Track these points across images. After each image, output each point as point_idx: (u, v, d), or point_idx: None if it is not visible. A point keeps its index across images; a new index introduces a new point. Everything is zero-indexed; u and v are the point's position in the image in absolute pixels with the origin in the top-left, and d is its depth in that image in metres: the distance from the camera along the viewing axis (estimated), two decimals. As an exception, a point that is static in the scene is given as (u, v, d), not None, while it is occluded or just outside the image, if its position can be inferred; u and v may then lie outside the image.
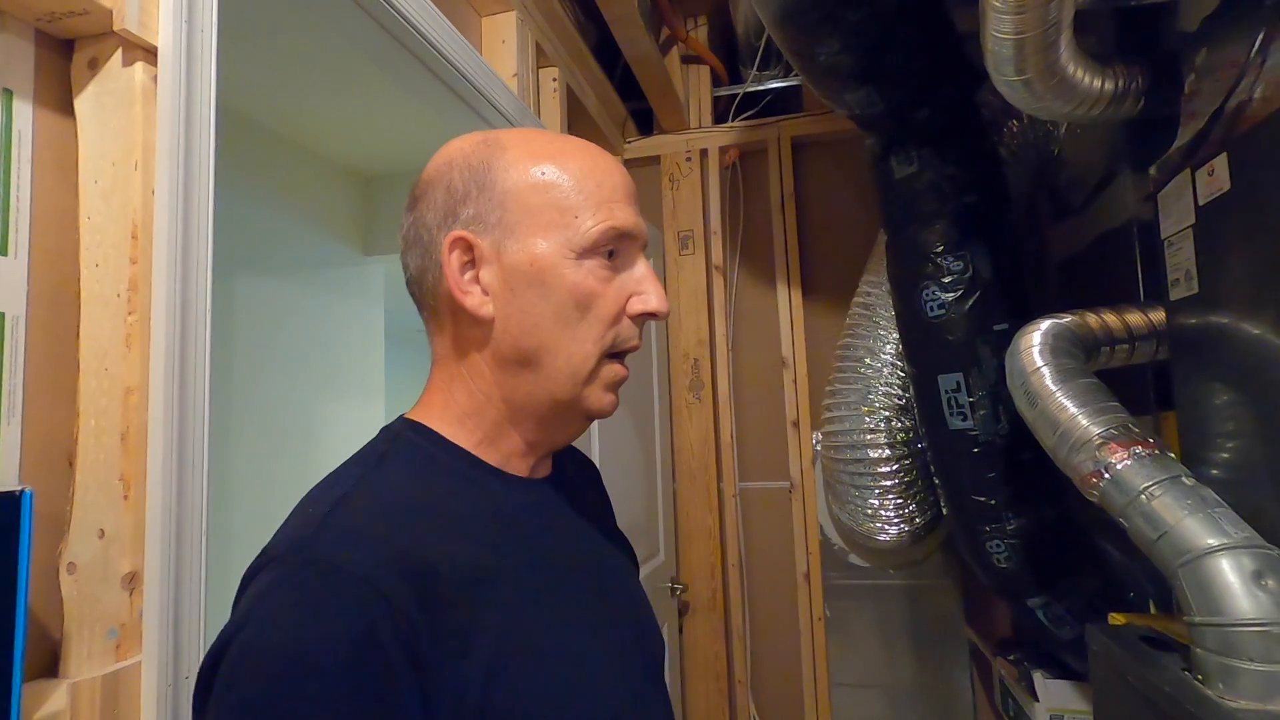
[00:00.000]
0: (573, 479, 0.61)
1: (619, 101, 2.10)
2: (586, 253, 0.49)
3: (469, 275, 0.50)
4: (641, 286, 0.52)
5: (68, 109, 0.62)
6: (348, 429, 2.23)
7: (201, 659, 0.46)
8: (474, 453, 0.52)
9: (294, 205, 2.12)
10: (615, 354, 0.52)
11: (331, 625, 0.39)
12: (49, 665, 0.57)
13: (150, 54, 0.62)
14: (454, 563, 0.44)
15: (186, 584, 0.58)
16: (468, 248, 0.50)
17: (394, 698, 0.39)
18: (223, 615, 0.43)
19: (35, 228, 0.59)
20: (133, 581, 0.57)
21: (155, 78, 0.62)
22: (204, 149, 0.62)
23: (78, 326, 0.61)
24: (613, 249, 0.51)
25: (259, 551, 0.44)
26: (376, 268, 2.46)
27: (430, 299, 0.52)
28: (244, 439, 1.82)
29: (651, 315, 0.52)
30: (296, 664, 0.38)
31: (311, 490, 0.48)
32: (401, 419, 0.54)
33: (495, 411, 0.52)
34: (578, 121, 1.90)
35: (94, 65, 0.61)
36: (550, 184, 0.49)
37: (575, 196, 0.50)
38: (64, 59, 0.62)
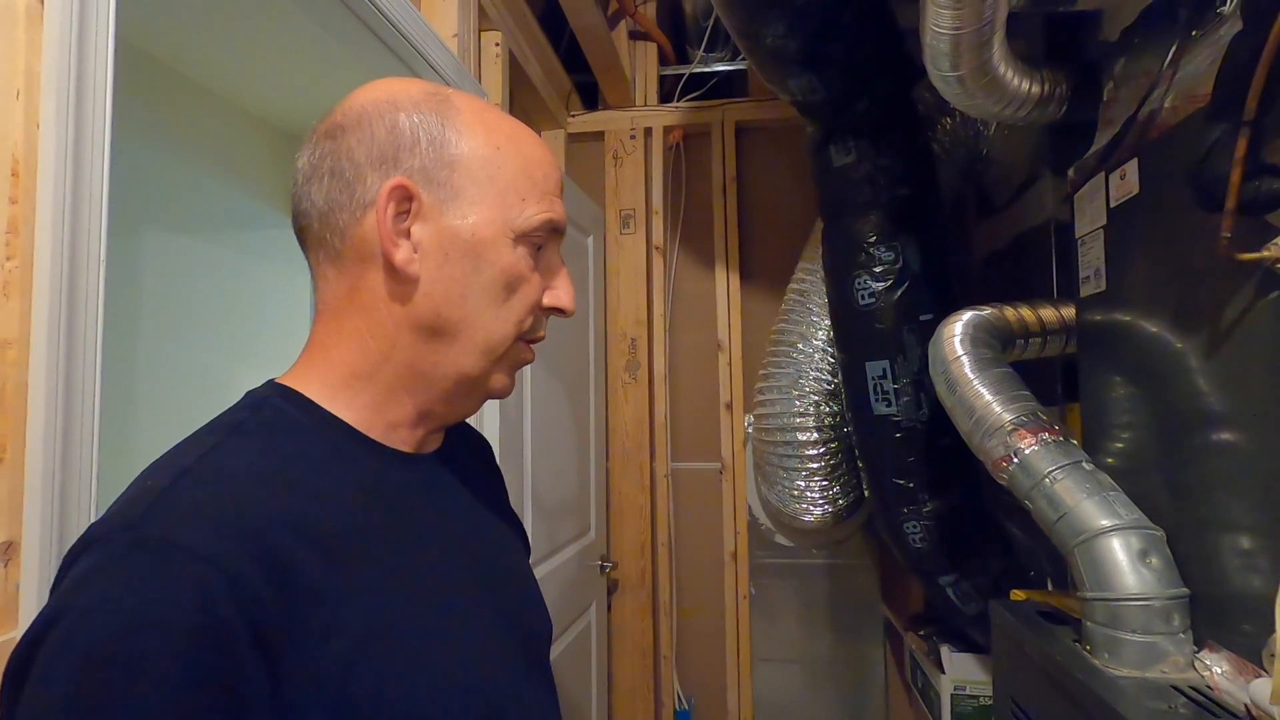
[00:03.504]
0: (461, 457, 0.59)
1: (564, 73, 2.05)
2: (522, 238, 0.49)
3: (401, 226, 0.47)
4: (556, 282, 0.53)
5: (-64, 26, 0.55)
6: (267, 400, 2.12)
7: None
8: (353, 423, 0.49)
9: (210, 160, 1.99)
10: (526, 339, 0.53)
11: (166, 609, 0.35)
12: (-93, 643, 0.51)
13: (36, -29, 0.56)
14: (315, 542, 0.41)
15: (71, 555, 0.54)
16: (407, 198, 0.47)
17: (238, 684, 0.36)
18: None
19: (-106, 158, 0.52)
20: (8, 552, 0.52)
21: (42, -1, 0.56)
22: (99, 80, 0.56)
23: (-54, 271, 0.55)
24: (542, 242, 0.51)
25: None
26: (302, 232, 2.34)
27: (336, 240, 0.48)
28: (150, 407, 1.71)
29: (560, 311, 0.53)
30: (127, 653, 0.35)
31: (152, 463, 0.43)
32: (270, 383, 0.50)
33: (390, 374, 0.49)
34: (520, 90, 1.85)
35: (-32, -21, 0.54)
36: (505, 161, 0.49)
37: (524, 182, 0.50)
38: (-69, -31, 0.55)
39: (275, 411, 0.47)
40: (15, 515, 0.53)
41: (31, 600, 0.52)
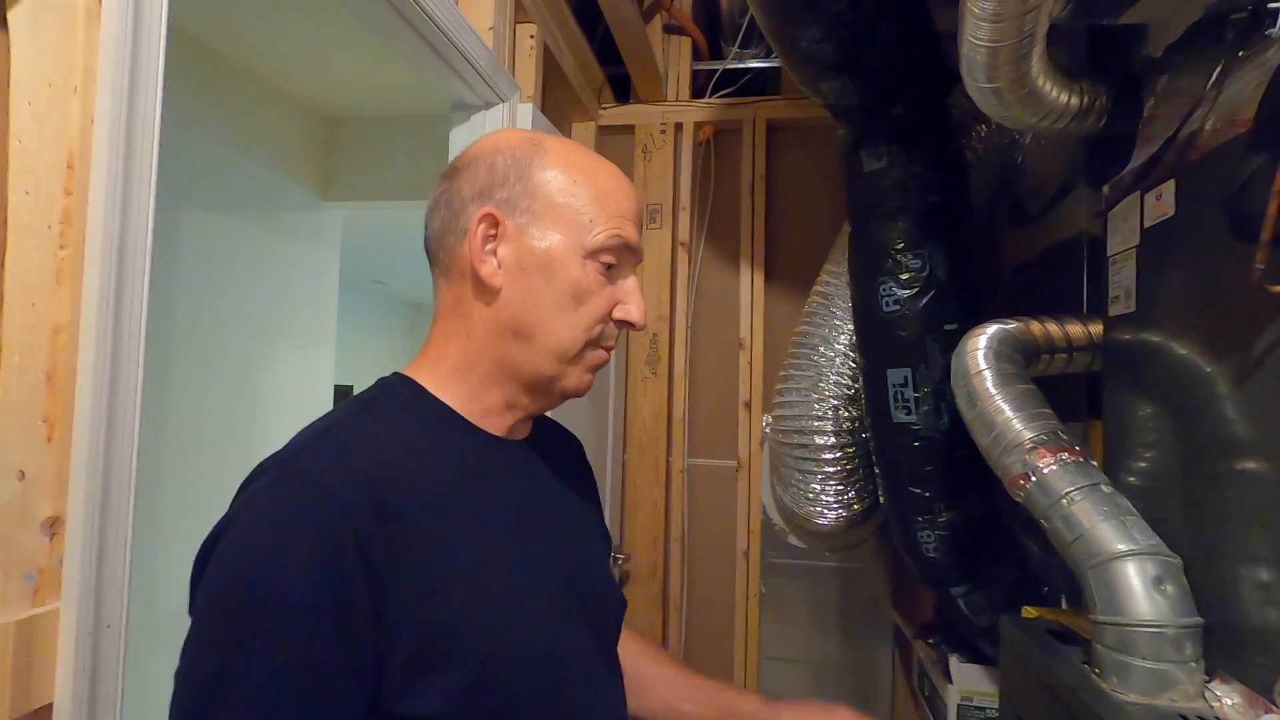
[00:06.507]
0: (547, 448, 0.68)
1: (597, 66, 2.05)
2: (592, 255, 0.58)
3: (489, 247, 0.58)
4: (628, 298, 0.61)
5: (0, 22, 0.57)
6: (294, 375, 2.17)
7: (126, 606, 0.58)
8: (455, 408, 0.59)
9: (249, 140, 2.03)
10: (597, 346, 0.61)
11: (299, 525, 0.47)
12: (-41, 607, 0.54)
13: (96, -31, 0.58)
14: (418, 493, 0.52)
15: (113, 530, 0.57)
16: (494, 223, 0.58)
17: (346, 586, 0.46)
18: (150, 561, 0.45)
19: (-41, 147, 0.55)
20: (54, 526, 0.55)
21: (100, -3, 0.58)
22: (151, 78, 0.58)
23: (3, 257, 0.57)
24: (612, 261, 0.59)
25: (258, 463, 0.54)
26: (334, 214, 2.38)
27: (446, 258, 0.60)
28: (182, 376, 1.76)
29: (629, 324, 0.61)
30: (269, 553, 0.46)
31: (312, 423, 0.57)
32: (395, 374, 0.62)
33: (483, 369, 0.60)
34: (553, 83, 1.86)
35: (31, -24, 0.57)
36: (578, 190, 0.58)
37: (594, 208, 0.58)
38: (-2, -34, 0.57)
39: (397, 394, 0.59)
40: (61, 491, 0.55)
41: (74, 572, 0.55)
